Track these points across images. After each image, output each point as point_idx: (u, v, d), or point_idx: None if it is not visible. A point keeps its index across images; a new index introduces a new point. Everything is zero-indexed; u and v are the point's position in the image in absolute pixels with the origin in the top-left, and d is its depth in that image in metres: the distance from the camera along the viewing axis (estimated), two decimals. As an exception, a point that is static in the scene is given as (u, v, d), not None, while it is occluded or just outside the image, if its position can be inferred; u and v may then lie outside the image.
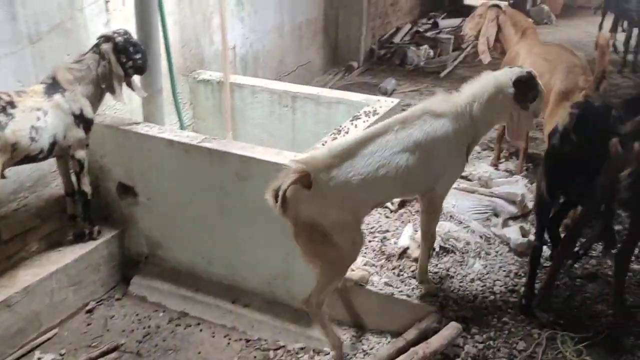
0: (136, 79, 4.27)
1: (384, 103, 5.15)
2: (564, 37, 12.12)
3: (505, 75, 3.42)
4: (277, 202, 2.97)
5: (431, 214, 3.60)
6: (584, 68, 4.57)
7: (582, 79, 4.30)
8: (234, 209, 4.10)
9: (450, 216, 4.52)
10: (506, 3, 5.91)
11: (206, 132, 5.70)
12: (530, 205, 4.83)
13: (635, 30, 9.30)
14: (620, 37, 9.87)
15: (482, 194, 4.75)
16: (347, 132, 4.45)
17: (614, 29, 10.71)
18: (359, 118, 4.77)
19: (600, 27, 10.94)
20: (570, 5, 15.56)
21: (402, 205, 4.66)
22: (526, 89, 3.38)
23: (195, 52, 5.76)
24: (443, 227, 4.30)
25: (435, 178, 3.39)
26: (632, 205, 3.41)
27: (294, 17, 7.80)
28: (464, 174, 5.13)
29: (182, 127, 5.18)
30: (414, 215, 4.58)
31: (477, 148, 6.14)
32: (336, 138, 4.33)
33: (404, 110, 3.72)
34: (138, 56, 4.05)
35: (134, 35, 4.17)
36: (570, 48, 5.15)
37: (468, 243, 4.21)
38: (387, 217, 4.54)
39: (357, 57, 9.14)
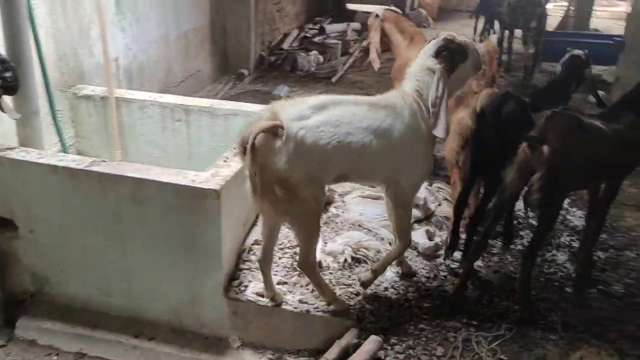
0: (7, 99, 3.80)
1: (283, 113, 5.02)
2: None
3: (427, 55, 3.45)
4: (244, 152, 3.01)
5: (399, 209, 3.59)
6: None
7: (475, 84, 4.43)
8: (131, 235, 3.77)
9: (359, 225, 4.48)
10: (385, 7, 6.06)
11: (91, 151, 5.26)
12: (433, 206, 4.94)
13: (507, 33, 9.94)
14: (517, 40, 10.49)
15: (386, 200, 4.76)
16: (248, 146, 4.27)
17: (486, 31, 11.42)
18: (259, 130, 4.60)
19: (475, 29, 11.61)
20: (445, 9, 16.44)
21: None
22: (451, 55, 3.42)
23: (74, 66, 5.29)
24: (353, 236, 4.25)
25: (396, 171, 3.41)
26: (541, 207, 3.53)
27: (180, 25, 7.46)
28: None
29: (65, 150, 4.72)
30: (321, 227, 4.48)
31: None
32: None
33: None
34: (8, 74, 3.60)
35: (2, 51, 3.71)
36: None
37: (379, 251, 4.18)
38: (295, 230, 4.41)
39: (248, 64, 8.95)
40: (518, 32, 9.80)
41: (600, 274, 4.26)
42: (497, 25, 10.53)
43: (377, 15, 5.81)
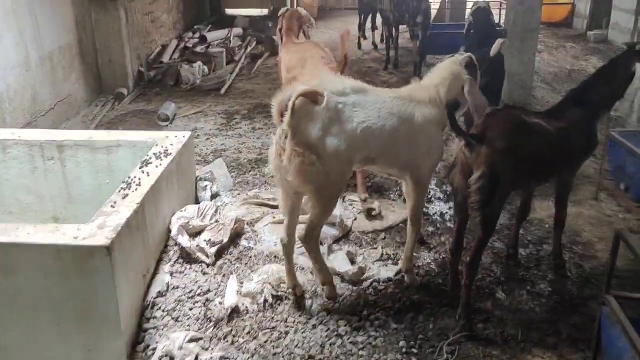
0: None
1: (175, 139, 4.48)
2: (327, 38, 12.58)
3: (457, 64, 3.81)
4: (281, 113, 3.20)
5: (419, 194, 3.78)
6: (329, 59, 5.28)
7: (326, 68, 4.84)
8: (3, 310, 3.11)
9: (276, 257, 4.06)
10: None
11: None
12: (350, 223, 4.64)
13: (392, 31, 9.91)
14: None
15: (301, 223, 4.36)
16: (139, 185, 3.70)
17: (371, 29, 11.41)
18: (150, 162, 4.04)
19: (360, 27, 11.55)
20: (324, 8, 16.36)
21: (219, 255, 4.06)
22: (474, 69, 3.82)
23: None
24: (271, 271, 3.82)
25: (417, 157, 3.63)
26: (481, 210, 3.33)
27: (42, 45, 6.60)
28: (276, 203, 4.75)
29: None
30: (234, 264, 4.01)
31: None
32: (127, 194, 3.57)
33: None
34: None
35: None
36: (319, 45, 5.69)
37: (302, 284, 3.79)
38: (205, 273, 3.90)
39: (126, 82, 8.18)
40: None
41: (526, 273, 4.16)
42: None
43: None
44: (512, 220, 4.56)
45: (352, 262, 4.15)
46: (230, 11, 13.76)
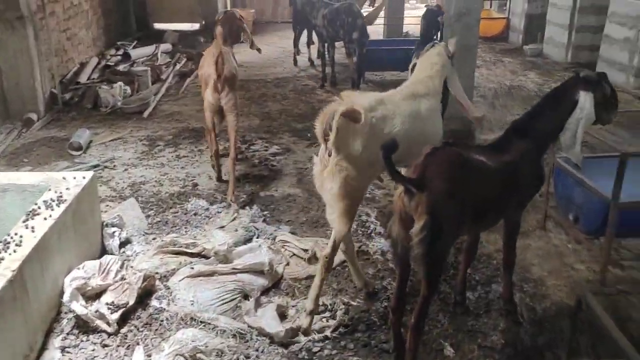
0: None
1: (73, 181, 3.85)
2: (262, 53, 12.05)
3: (443, 55, 4.15)
4: (325, 133, 3.39)
5: None
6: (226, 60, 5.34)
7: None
8: None
9: (192, 318, 3.47)
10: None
11: None
12: (280, 268, 4.12)
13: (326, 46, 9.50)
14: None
15: (223, 274, 3.82)
16: (19, 244, 3.06)
17: (306, 44, 10.98)
18: (38, 214, 3.40)
19: (294, 43, 11.10)
20: (259, 21, 15.86)
21: (124, 321, 3.44)
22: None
23: None
24: (185, 339, 3.24)
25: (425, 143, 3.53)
26: (425, 264, 2.92)
27: None
28: (196, 249, 4.18)
29: None
30: (141, 331, 3.41)
31: (202, 204, 5.25)
32: (2, 259, 2.92)
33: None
34: None
35: None
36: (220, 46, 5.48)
37: (221, 353, 3.24)
38: (105, 345, 3.28)
39: (36, 106, 7.38)
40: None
41: (476, 322, 3.76)
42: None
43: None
44: (459, 256, 4.17)
45: (283, 317, 3.64)
46: (158, 25, 13.04)
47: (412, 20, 15.55)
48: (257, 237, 4.55)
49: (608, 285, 4.21)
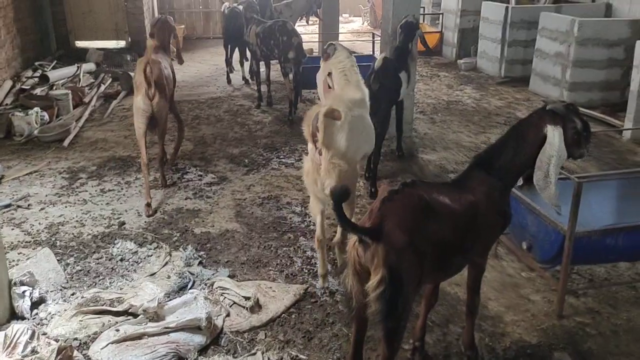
0: None
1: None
2: (193, 71, 11.57)
3: (347, 52, 4.72)
4: (313, 135, 3.83)
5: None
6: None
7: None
8: None
9: (117, 397, 3.00)
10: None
11: None
12: (219, 321, 3.69)
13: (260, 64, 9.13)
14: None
15: (154, 335, 3.35)
16: None
17: (241, 62, 10.56)
18: None
19: (226, 61, 10.65)
20: (190, 37, 15.31)
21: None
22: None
23: None
24: None
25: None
26: (385, 320, 2.62)
27: None
28: (121, 307, 3.68)
29: None
30: (57, 417, 2.90)
31: (130, 246, 4.74)
32: None
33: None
34: None
35: None
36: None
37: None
38: None
39: (-64, 139, 6.61)
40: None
41: (436, 372, 3.47)
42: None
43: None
44: (419, 302, 3.88)
45: (225, 383, 3.22)
46: (80, 43, 12.26)
47: (347, 36, 15.50)
48: (193, 285, 4.10)
49: (565, 316, 4.04)
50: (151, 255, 4.59)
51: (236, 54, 10.61)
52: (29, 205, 5.52)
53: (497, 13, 10.83)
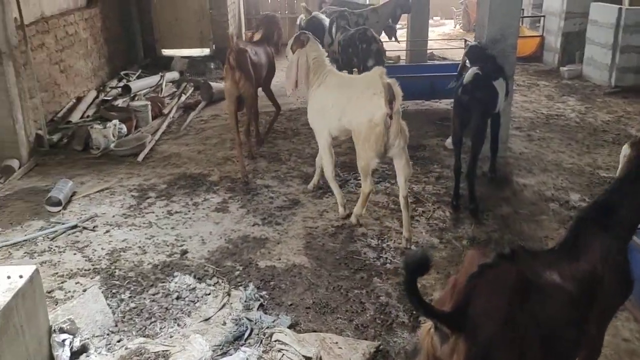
0: None
1: (5, 283, 2.99)
2: (275, 82, 11.23)
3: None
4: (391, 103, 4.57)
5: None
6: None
7: None
8: None
9: None
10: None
11: None
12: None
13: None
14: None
15: None
16: None
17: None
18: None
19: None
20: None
21: None
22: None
23: None
24: None
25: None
26: None
27: None
28: (166, 361, 3.28)
29: None
30: None
31: (189, 281, 4.37)
32: None
33: None
34: None
35: None
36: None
37: None
38: None
39: (17, 152, 6.64)
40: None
41: None
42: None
43: None
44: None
45: None
46: (167, 52, 12.34)
47: (438, 42, 14.66)
48: (249, 335, 3.64)
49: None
50: (209, 294, 4.19)
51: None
52: (94, 227, 5.32)
53: (608, 15, 9.68)
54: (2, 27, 6.33)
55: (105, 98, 8.81)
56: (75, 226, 5.30)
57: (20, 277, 3.02)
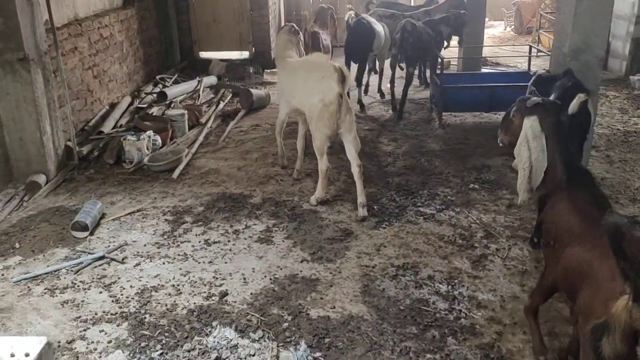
0: None
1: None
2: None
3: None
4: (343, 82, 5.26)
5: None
6: None
7: None
8: None
9: None
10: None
11: None
12: None
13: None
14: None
15: None
16: None
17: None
18: None
19: (359, 78, 9.51)
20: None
21: None
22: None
23: None
24: None
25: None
26: None
27: None
28: None
29: None
30: None
31: (229, 334, 3.73)
32: None
33: None
34: None
35: None
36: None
37: None
38: None
39: (44, 167, 6.12)
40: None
41: None
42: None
43: None
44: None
45: None
46: (205, 54, 11.78)
47: (493, 48, 13.71)
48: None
49: None
50: (254, 355, 3.54)
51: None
52: (123, 259, 4.73)
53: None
54: (30, 31, 5.81)
55: (140, 105, 8.25)
56: (102, 257, 4.72)
57: (27, 355, 2.41)
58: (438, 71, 8.11)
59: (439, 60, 8.09)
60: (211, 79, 10.16)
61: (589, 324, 2.51)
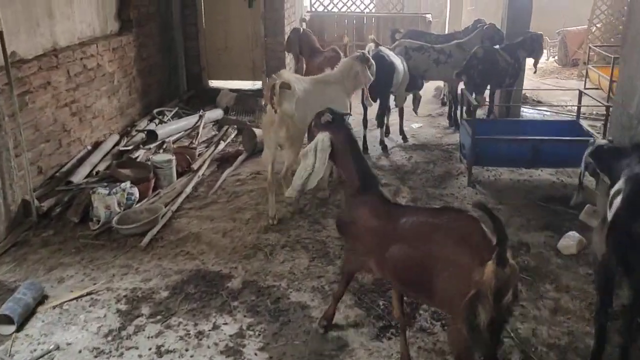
0: None
1: None
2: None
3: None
4: (272, 100, 5.26)
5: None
6: None
7: None
8: None
9: None
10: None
11: None
12: None
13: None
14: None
15: None
16: None
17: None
18: None
19: (381, 118, 8.35)
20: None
21: None
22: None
23: None
24: None
25: None
26: None
27: None
28: None
29: None
30: None
31: None
32: None
33: None
34: None
35: None
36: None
37: None
38: None
39: (-9, 228, 5.14)
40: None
41: None
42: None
43: None
44: None
45: None
46: (214, 83, 10.83)
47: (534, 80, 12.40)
48: None
49: None
50: None
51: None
52: (47, 373, 3.67)
53: None
54: (-25, 69, 4.87)
55: (123, 148, 7.25)
56: (19, 371, 3.67)
57: None
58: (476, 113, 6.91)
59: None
60: (216, 113, 9.15)
61: (459, 302, 2.69)
